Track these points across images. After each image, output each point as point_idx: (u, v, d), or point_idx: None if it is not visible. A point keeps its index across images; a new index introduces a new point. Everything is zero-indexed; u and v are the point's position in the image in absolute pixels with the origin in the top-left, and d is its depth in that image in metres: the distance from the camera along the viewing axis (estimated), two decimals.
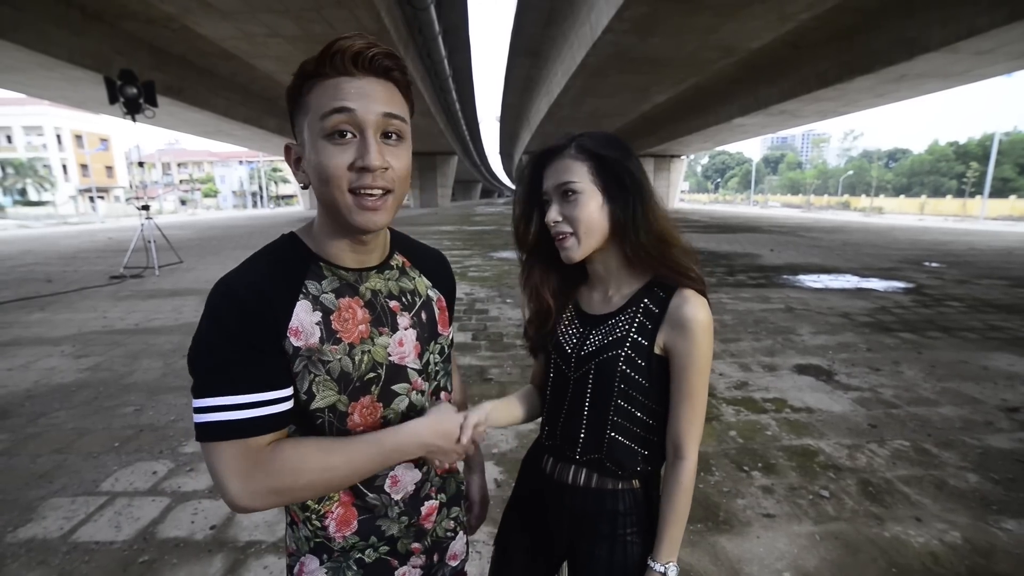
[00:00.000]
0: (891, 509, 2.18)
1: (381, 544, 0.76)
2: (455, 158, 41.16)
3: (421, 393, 0.77)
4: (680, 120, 26.55)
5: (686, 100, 22.02)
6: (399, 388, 0.74)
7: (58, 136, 47.98)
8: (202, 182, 70.92)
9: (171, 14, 10.55)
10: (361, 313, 0.71)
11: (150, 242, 8.56)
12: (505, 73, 26.16)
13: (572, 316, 0.94)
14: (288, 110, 0.67)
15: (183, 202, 62.65)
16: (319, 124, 0.61)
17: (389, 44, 0.80)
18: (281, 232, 0.74)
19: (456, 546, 0.89)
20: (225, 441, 0.60)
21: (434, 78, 21.26)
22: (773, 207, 54.11)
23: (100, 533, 2.02)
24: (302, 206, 46.07)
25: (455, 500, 0.88)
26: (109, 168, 53.86)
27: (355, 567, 0.75)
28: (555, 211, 0.84)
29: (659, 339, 0.82)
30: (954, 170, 58.30)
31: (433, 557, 0.84)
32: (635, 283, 0.88)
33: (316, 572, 0.75)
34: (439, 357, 0.81)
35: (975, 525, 2.07)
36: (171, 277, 8.18)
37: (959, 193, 52.98)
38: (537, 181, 0.89)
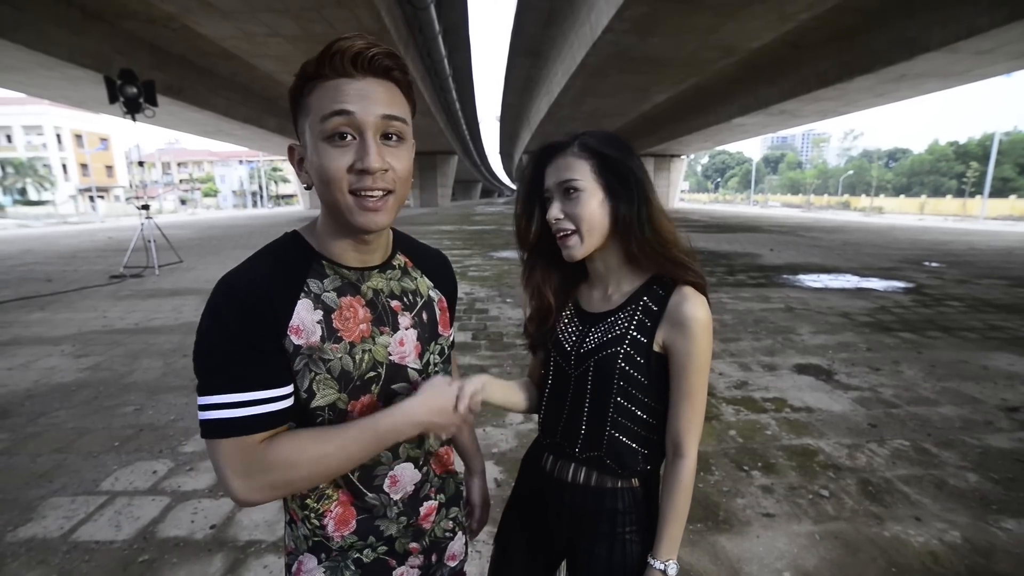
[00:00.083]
0: (891, 509, 2.18)
1: (379, 544, 0.76)
2: (455, 158, 41.16)
3: None
4: (680, 120, 26.56)
5: (686, 100, 22.02)
6: (399, 388, 0.74)
7: (58, 135, 48.00)
8: (202, 181, 70.93)
9: (171, 14, 10.56)
10: (362, 312, 0.71)
11: (150, 242, 8.56)
12: (505, 73, 26.17)
13: (572, 314, 0.94)
14: (291, 111, 0.67)
15: (183, 202, 62.65)
16: (319, 126, 0.62)
17: (389, 43, 0.81)
18: (281, 232, 0.74)
19: (455, 546, 0.88)
20: (226, 439, 0.61)
21: (434, 77, 21.27)
22: (773, 207, 54.11)
23: (100, 532, 2.02)
24: (302, 206, 46.05)
25: (454, 501, 0.88)
26: (109, 168, 53.89)
27: (353, 567, 0.75)
28: (557, 208, 0.84)
29: (658, 337, 0.82)
30: (954, 170, 58.31)
31: (431, 557, 0.84)
32: (635, 281, 0.88)
33: (314, 571, 0.75)
34: (439, 358, 0.82)
35: (975, 525, 2.07)
36: (171, 277, 8.18)
37: (959, 193, 52.99)
38: (538, 179, 0.89)
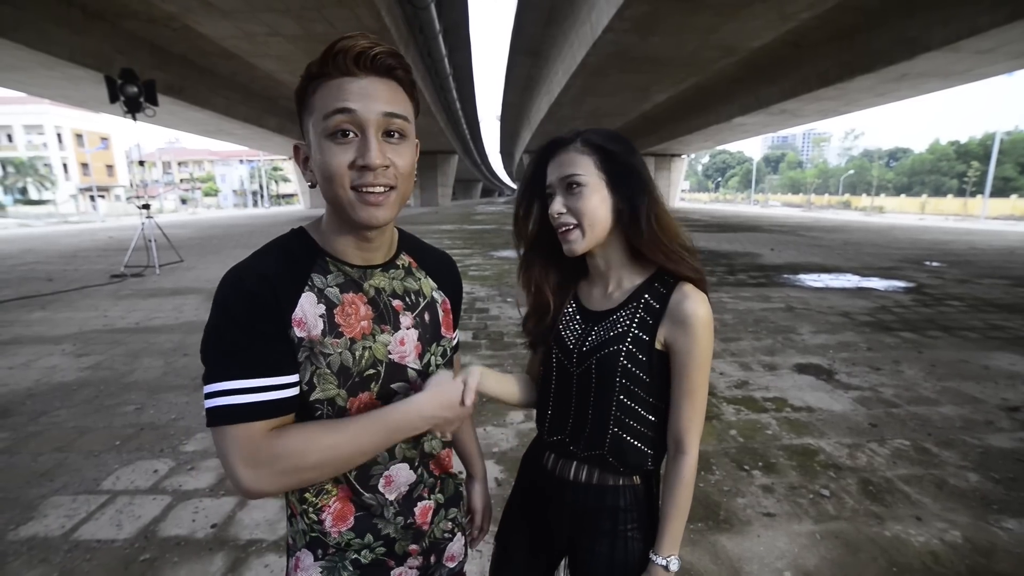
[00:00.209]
0: (891, 508, 2.18)
1: (377, 545, 0.76)
2: (455, 157, 41.17)
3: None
4: (681, 119, 26.55)
5: (687, 99, 22.00)
6: (398, 387, 0.74)
7: (59, 135, 48.03)
8: (202, 181, 70.99)
9: (172, 13, 10.56)
10: (364, 309, 0.72)
11: (151, 241, 8.57)
12: (505, 72, 26.17)
13: (574, 312, 0.94)
14: (296, 111, 0.69)
15: (183, 201, 62.66)
16: (322, 124, 0.63)
17: (389, 43, 0.81)
18: (281, 232, 0.75)
19: (454, 547, 0.88)
20: (232, 425, 0.61)
21: (434, 77, 21.27)
22: (774, 206, 54.07)
23: (101, 531, 2.02)
24: (302, 205, 46.06)
25: (453, 501, 0.87)
26: (110, 167, 53.92)
27: (351, 567, 0.75)
28: (559, 203, 0.84)
29: (659, 334, 0.82)
30: (955, 169, 58.24)
31: (430, 558, 0.84)
32: (636, 278, 0.88)
33: (311, 568, 0.74)
34: (441, 359, 0.82)
35: (975, 524, 2.07)
36: (172, 276, 8.18)
37: (960, 192, 52.96)
38: (540, 175, 0.89)
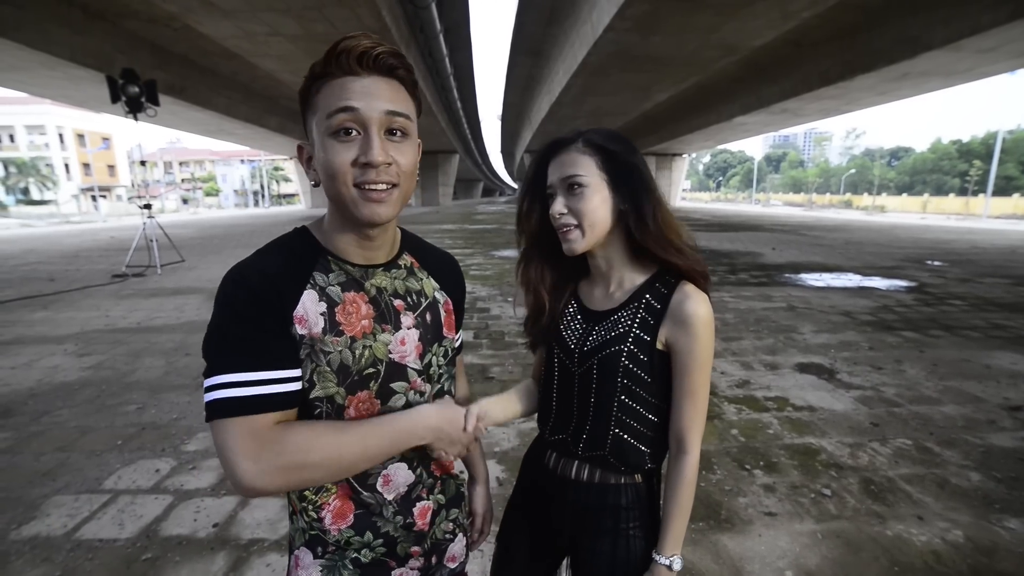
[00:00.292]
0: (893, 508, 2.18)
1: (378, 544, 0.76)
2: (456, 157, 41.16)
3: (420, 394, 0.77)
4: (682, 119, 26.52)
5: (688, 99, 21.98)
6: (397, 387, 0.74)
7: (60, 135, 48.14)
8: (204, 181, 71.07)
9: (173, 13, 10.56)
10: (365, 308, 0.72)
11: (152, 241, 8.58)
12: (506, 72, 26.13)
13: (575, 312, 0.94)
14: (300, 111, 0.69)
15: (185, 201, 62.75)
16: (326, 123, 0.63)
17: (390, 42, 0.82)
18: (283, 231, 0.75)
19: (455, 548, 0.88)
20: (234, 418, 0.60)
21: (435, 76, 21.27)
22: (775, 206, 54.00)
23: (103, 531, 2.03)
24: (304, 205, 46.06)
25: (454, 502, 0.87)
26: (111, 167, 54.02)
27: (351, 566, 0.75)
28: (560, 203, 0.84)
29: (661, 334, 0.82)
30: (957, 168, 58.12)
31: (431, 559, 0.83)
32: (636, 278, 0.88)
33: (311, 566, 0.74)
34: (443, 360, 0.81)
35: (977, 524, 2.06)
36: (173, 276, 8.19)
37: (962, 191, 52.82)
38: (541, 175, 0.89)
